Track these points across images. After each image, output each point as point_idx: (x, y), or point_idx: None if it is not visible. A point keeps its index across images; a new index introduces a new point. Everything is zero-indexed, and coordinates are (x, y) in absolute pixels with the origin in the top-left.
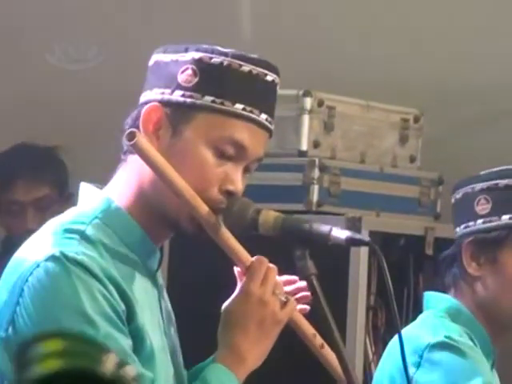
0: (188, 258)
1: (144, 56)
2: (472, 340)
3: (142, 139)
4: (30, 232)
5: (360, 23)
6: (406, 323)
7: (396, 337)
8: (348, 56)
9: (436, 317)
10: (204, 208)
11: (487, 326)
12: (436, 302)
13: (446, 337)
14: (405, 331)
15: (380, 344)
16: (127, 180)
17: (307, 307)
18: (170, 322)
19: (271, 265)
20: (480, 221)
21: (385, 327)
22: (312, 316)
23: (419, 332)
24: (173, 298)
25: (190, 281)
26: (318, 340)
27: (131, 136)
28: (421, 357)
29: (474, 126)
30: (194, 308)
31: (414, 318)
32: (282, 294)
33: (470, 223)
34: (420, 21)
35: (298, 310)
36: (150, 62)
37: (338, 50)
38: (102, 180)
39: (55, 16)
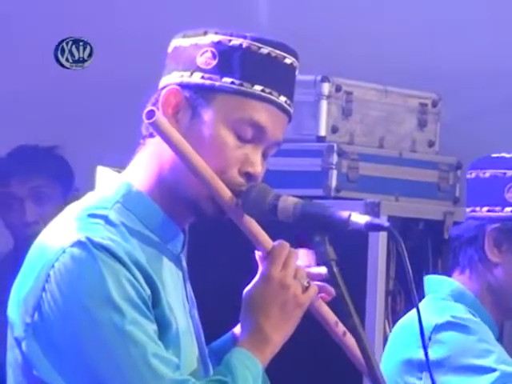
0: (204, 246)
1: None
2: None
3: (162, 118)
4: (29, 225)
5: (378, 7)
6: None
7: (396, 326)
8: (365, 41)
9: (438, 299)
10: (226, 191)
11: (492, 312)
12: (438, 285)
13: (452, 316)
14: (410, 318)
15: None
16: (147, 164)
17: (330, 293)
18: (193, 303)
19: (293, 249)
20: (509, 209)
21: (404, 312)
22: (332, 302)
23: (424, 315)
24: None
25: (206, 266)
26: (341, 328)
27: (151, 114)
28: (429, 338)
29: (493, 110)
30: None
31: None
32: (303, 278)
33: (497, 208)
34: (439, 5)
35: (320, 297)
36: (169, 49)
37: (355, 35)
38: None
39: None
